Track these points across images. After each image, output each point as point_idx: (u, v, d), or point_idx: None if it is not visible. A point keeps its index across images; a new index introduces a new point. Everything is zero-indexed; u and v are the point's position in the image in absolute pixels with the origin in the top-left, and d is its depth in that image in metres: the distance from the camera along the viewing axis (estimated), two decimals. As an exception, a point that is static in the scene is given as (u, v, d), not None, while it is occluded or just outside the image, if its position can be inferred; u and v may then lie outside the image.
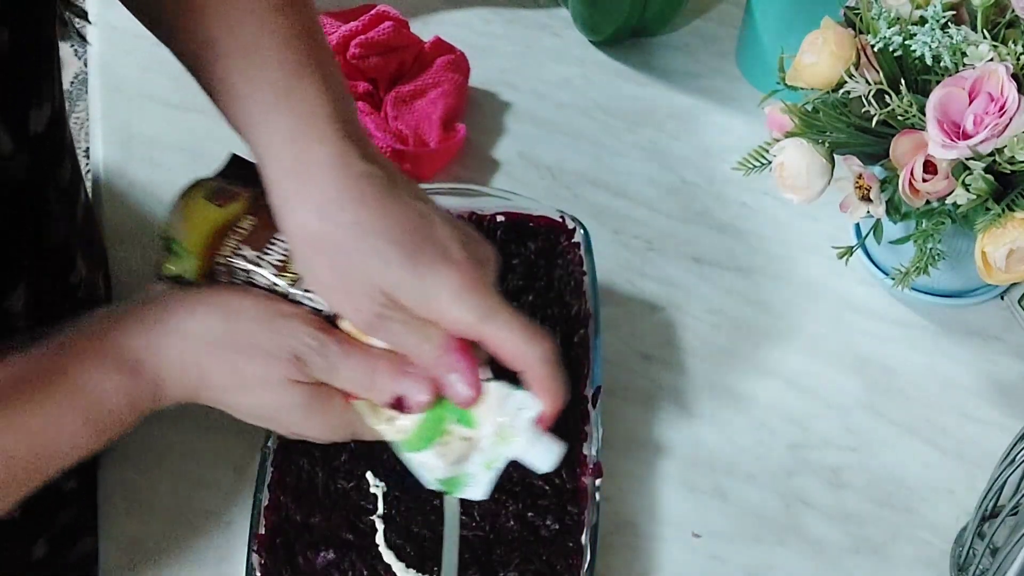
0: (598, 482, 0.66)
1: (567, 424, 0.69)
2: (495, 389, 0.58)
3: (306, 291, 0.59)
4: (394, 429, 0.59)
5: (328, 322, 0.59)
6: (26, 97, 0.59)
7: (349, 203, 0.55)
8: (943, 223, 0.71)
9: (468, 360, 0.57)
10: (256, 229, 0.60)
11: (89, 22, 0.69)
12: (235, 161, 0.65)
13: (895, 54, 0.71)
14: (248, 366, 0.56)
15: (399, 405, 0.58)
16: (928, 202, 0.71)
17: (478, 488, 0.61)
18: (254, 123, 0.56)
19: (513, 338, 0.56)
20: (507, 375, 0.59)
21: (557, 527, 0.66)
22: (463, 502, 0.66)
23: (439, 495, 0.67)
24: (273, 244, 0.60)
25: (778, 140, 0.76)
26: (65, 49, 0.71)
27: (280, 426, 0.60)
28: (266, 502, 0.66)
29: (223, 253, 0.60)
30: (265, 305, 0.58)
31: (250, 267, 0.59)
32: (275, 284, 0.59)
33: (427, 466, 0.60)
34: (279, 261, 0.59)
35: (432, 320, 0.56)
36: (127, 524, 0.71)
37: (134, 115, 0.92)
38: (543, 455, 0.59)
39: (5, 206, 0.59)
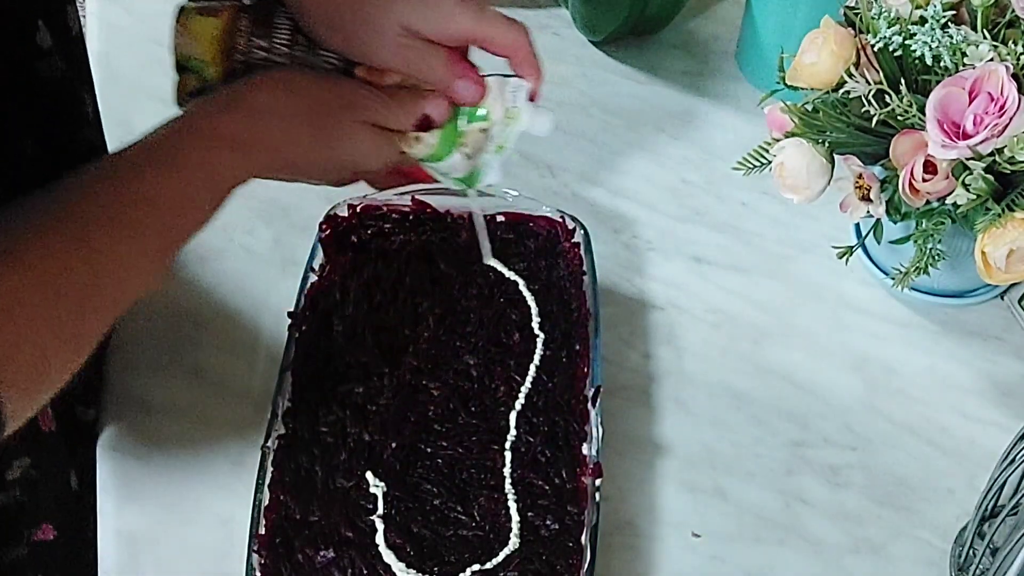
0: (598, 482, 0.66)
1: (567, 424, 0.70)
2: (493, 81, 0.69)
3: (320, 53, 0.67)
4: (424, 145, 0.69)
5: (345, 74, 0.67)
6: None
7: None
8: (943, 223, 0.71)
9: (469, 64, 0.68)
10: (255, 22, 0.67)
11: None
12: None
13: (895, 54, 0.71)
14: (324, 118, 0.65)
15: (425, 124, 0.68)
16: (928, 202, 0.71)
17: (493, 173, 0.72)
18: None
19: (503, 29, 0.67)
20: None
21: (557, 527, 0.66)
22: (463, 502, 0.66)
23: (439, 495, 0.67)
24: (277, 27, 0.67)
25: (778, 140, 0.76)
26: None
27: (345, 167, 0.68)
28: (266, 501, 0.66)
29: (238, 50, 0.66)
30: (309, 72, 0.66)
31: (266, 54, 0.66)
32: (294, 56, 0.66)
33: (452, 168, 0.70)
34: (288, 38, 0.67)
35: (437, 37, 0.65)
36: (127, 523, 0.71)
37: (134, 112, 0.92)
38: (543, 121, 0.70)
39: (46, 101, 0.64)
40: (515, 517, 0.66)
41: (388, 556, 0.64)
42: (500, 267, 0.77)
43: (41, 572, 0.74)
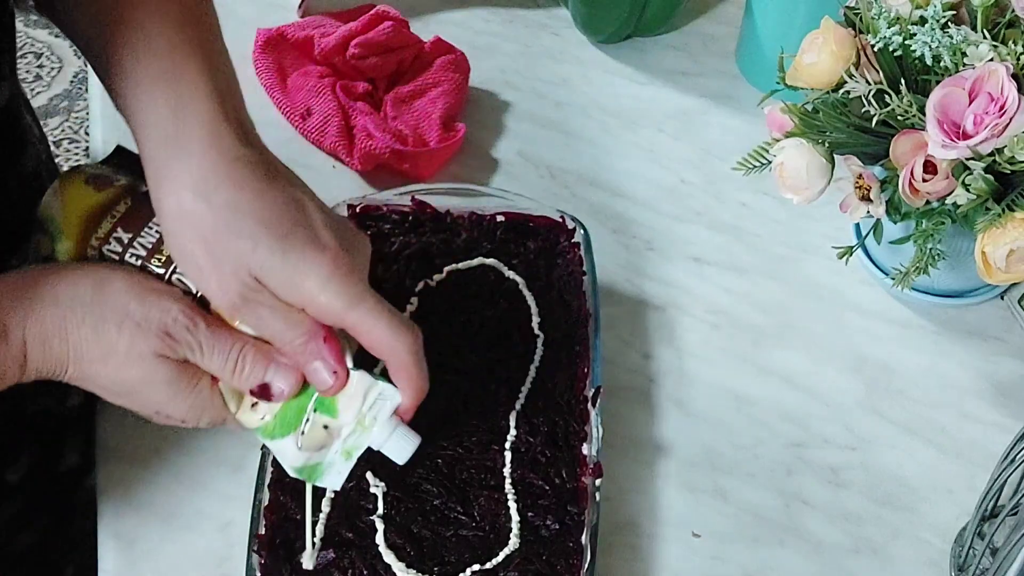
0: (598, 482, 0.66)
1: (567, 424, 0.70)
2: (358, 379, 0.59)
3: (176, 274, 0.59)
4: (256, 416, 0.60)
5: (199, 305, 0.59)
6: None
7: (224, 183, 0.55)
8: (943, 223, 0.71)
9: (334, 348, 0.58)
10: (131, 212, 0.60)
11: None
12: (119, 151, 0.66)
13: (895, 54, 0.71)
14: (117, 336, 0.56)
15: (263, 392, 0.58)
16: (928, 202, 0.71)
17: (335, 477, 0.61)
18: (136, 99, 0.57)
19: (380, 327, 0.56)
20: (370, 365, 0.60)
21: (557, 527, 0.66)
22: (463, 502, 0.66)
23: (439, 495, 0.67)
24: (148, 229, 0.60)
25: (778, 140, 0.76)
26: (65, 48, 0.72)
27: (145, 403, 0.58)
28: (266, 502, 0.66)
29: (98, 236, 0.60)
30: (137, 278, 0.58)
31: (121, 249, 0.60)
32: (147, 265, 0.60)
33: (285, 454, 0.60)
34: (151, 244, 0.60)
35: (299, 306, 0.56)
36: (127, 524, 0.71)
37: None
38: (399, 447, 0.60)
39: None
40: (515, 517, 0.66)
41: (388, 556, 0.64)
42: (500, 267, 0.77)
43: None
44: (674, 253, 0.86)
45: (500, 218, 0.79)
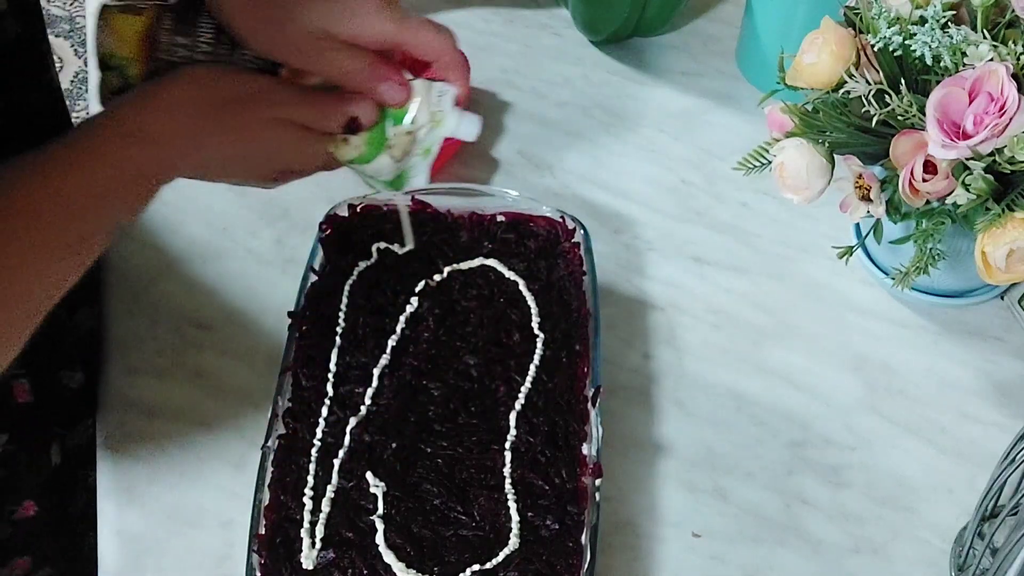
0: (598, 482, 0.66)
1: (567, 424, 0.70)
2: (419, 85, 0.68)
3: (244, 54, 0.65)
4: (350, 148, 0.67)
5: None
6: None
7: None
8: (943, 223, 0.71)
9: (394, 67, 0.66)
10: (178, 20, 0.66)
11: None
12: None
13: (895, 54, 0.71)
14: (241, 113, 0.63)
15: (352, 124, 0.66)
16: (928, 202, 0.71)
17: (420, 176, 0.69)
18: None
19: (426, 34, 0.66)
20: None
21: (557, 527, 0.66)
22: (463, 502, 0.66)
23: (439, 495, 0.67)
24: (200, 28, 0.66)
25: (778, 140, 0.76)
26: (66, 48, 0.72)
27: (267, 166, 0.66)
28: (266, 502, 0.66)
29: (161, 48, 0.65)
30: (227, 68, 0.65)
31: (188, 53, 0.65)
32: (217, 55, 0.65)
33: (381, 170, 0.69)
34: (210, 37, 0.66)
35: (357, 40, 0.64)
36: (127, 523, 0.71)
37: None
38: (469, 125, 0.69)
39: (4, 63, 0.63)
40: (515, 517, 0.66)
41: (388, 556, 0.64)
42: (500, 267, 0.77)
43: (27, 551, 0.74)
44: (674, 253, 0.86)
45: (500, 218, 0.79)
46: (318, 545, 0.65)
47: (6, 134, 0.63)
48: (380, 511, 0.66)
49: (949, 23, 0.71)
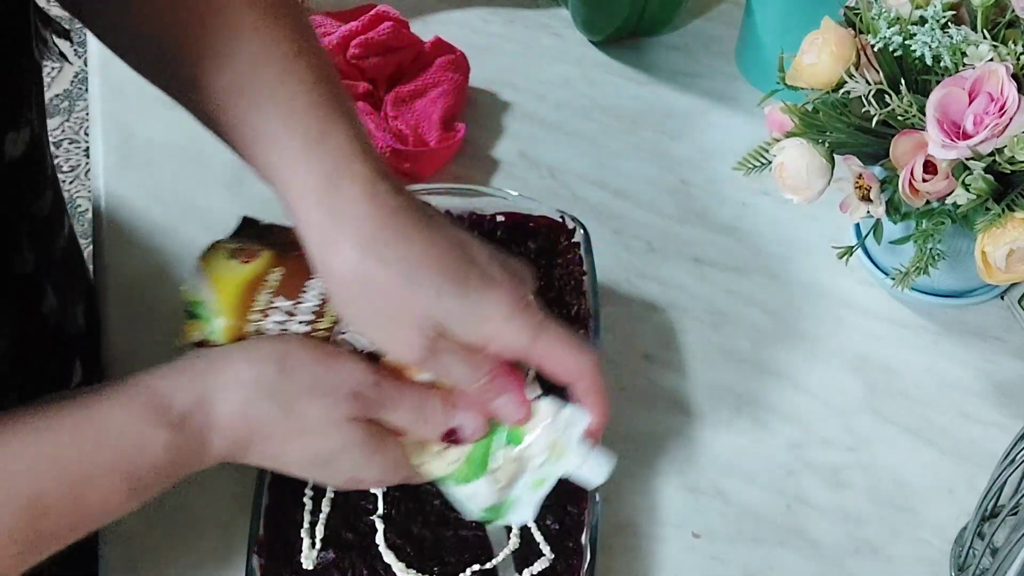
0: (598, 482, 0.66)
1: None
2: (544, 406, 0.58)
3: (341, 334, 0.59)
4: (445, 463, 0.59)
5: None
6: (1, 121, 0.58)
7: (392, 239, 0.54)
8: (943, 223, 0.71)
9: (517, 381, 0.58)
10: (286, 279, 0.59)
11: (70, 40, 0.68)
12: (249, 222, 0.64)
13: (895, 54, 0.71)
14: (309, 407, 0.55)
15: (453, 436, 0.58)
16: (928, 202, 0.71)
17: (525, 510, 0.60)
18: (285, 167, 0.55)
19: (563, 352, 0.57)
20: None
21: (557, 527, 0.66)
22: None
23: (439, 495, 0.66)
24: (305, 293, 0.59)
25: (778, 140, 0.76)
26: (66, 48, 0.71)
27: (338, 472, 0.58)
28: (266, 502, 0.66)
29: (256, 308, 0.59)
30: (317, 346, 0.57)
31: (285, 318, 0.58)
32: (315, 329, 0.59)
33: (477, 496, 0.60)
34: (315, 308, 0.59)
35: (481, 345, 0.56)
36: (127, 525, 0.71)
37: (134, 115, 0.92)
38: (595, 469, 0.59)
39: (11, 176, 0.59)
40: (515, 517, 0.66)
41: (388, 556, 0.64)
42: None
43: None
44: (674, 253, 0.86)
45: (500, 218, 0.79)
46: (318, 546, 0.65)
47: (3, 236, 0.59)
48: (380, 511, 0.66)
49: (949, 23, 0.71)
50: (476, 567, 0.64)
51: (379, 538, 0.65)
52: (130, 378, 0.55)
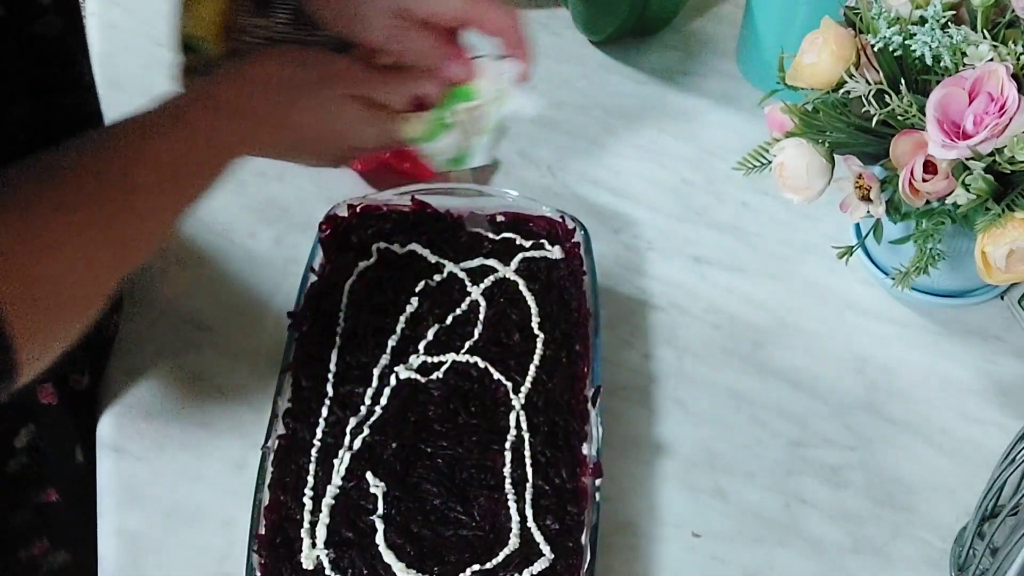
0: (598, 482, 0.66)
1: (567, 424, 0.70)
2: (483, 63, 0.71)
3: (319, 34, 0.69)
4: (416, 125, 0.70)
5: None
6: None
7: None
8: (943, 223, 0.71)
9: (460, 47, 0.71)
10: (256, 2, 0.70)
11: None
12: None
13: (895, 54, 0.71)
14: (323, 90, 0.67)
15: (419, 102, 0.70)
16: (928, 202, 0.71)
17: (480, 154, 0.73)
18: None
19: (493, 11, 0.70)
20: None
21: (557, 527, 0.66)
22: (463, 502, 0.66)
23: (439, 495, 0.67)
24: (276, 8, 0.70)
25: (778, 140, 0.76)
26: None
27: (341, 142, 0.69)
28: (266, 501, 0.66)
29: (239, 28, 0.69)
30: (309, 50, 0.69)
31: (266, 32, 0.70)
32: (294, 36, 0.70)
33: (443, 149, 0.72)
34: (287, 18, 0.70)
35: (430, 19, 0.69)
36: (127, 523, 0.71)
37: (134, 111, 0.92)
38: (531, 101, 0.72)
39: (43, 60, 0.66)
40: (515, 517, 0.66)
41: (388, 556, 0.64)
42: (500, 267, 0.77)
43: (46, 534, 0.74)
44: (674, 253, 0.86)
45: (500, 218, 0.79)
46: (318, 545, 0.65)
47: (41, 133, 0.64)
48: (380, 511, 0.66)
49: (949, 23, 0.71)
50: (476, 567, 0.64)
51: (379, 538, 0.65)
52: (184, 96, 0.64)
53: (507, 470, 0.68)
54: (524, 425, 0.69)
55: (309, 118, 0.67)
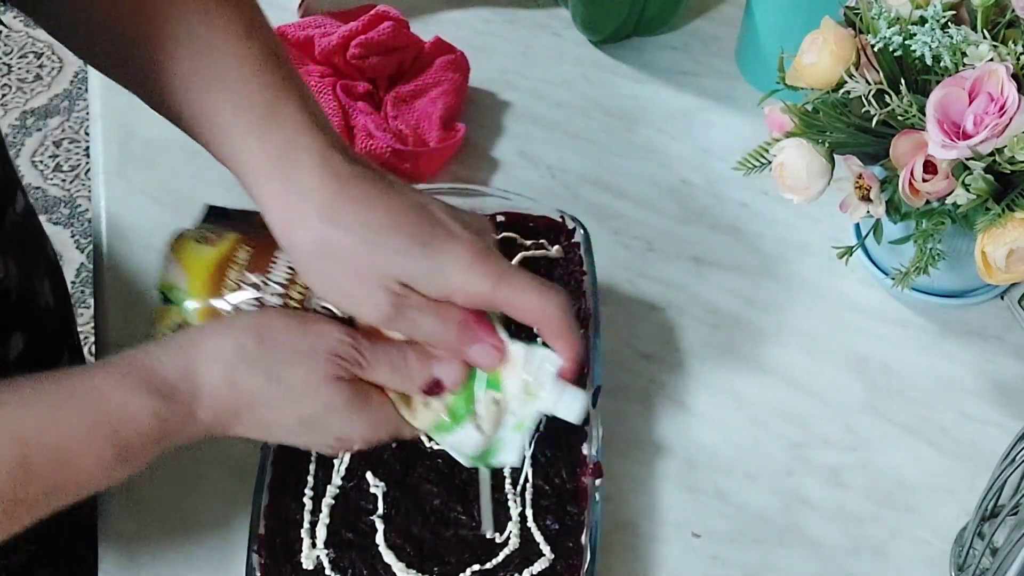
0: (598, 482, 0.66)
1: (567, 424, 0.69)
2: (516, 349, 0.60)
3: (314, 303, 0.60)
4: (429, 415, 0.60)
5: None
6: None
7: (351, 204, 0.55)
8: (943, 223, 0.71)
9: (487, 327, 0.59)
10: (254, 256, 0.61)
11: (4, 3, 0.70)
12: (212, 210, 0.65)
13: (895, 54, 0.71)
14: (290, 371, 0.56)
15: (434, 388, 0.59)
16: (928, 202, 0.71)
17: (511, 452, 0.62)
18: (240, 147, 0.57)
19: (528, 295, 0.57)
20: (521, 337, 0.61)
21: (557, 527, 0.66)
22: (463, 502, 0.66)
23: (439, 495, 0.67)
24: (274, 264, 0.60)
25: (778, 140, 0.76)
26: (66, 48, 0.71)
27: (326, 433, 0.59)
28: (266, 502, 0.66)
29: (227, 286, 0.60)
30: (292, 314, 0.59)
31: (258, 293, 0.60)
32: (288, 300, 0.60)
33: (465, 443, 0.61)
34: (285, 279, 0.60)
35: (446, 299, 0.57)
36: (127, 523, 0.71)
37: (134, 114, 0.92)
38: (570, 405, 0.61)
39: None
40: (515, 517, 0.66)
41: (388, 556, 0.64)
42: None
43: (29, 547, 0.74)
44: (674, 253, 0.86)
45: (500, 218, 0.79)
46: (318, 545, 0.65)
47: None
48: (380, 511, 0.66)
49: (949, 23, 0.71)
50: (476, 567, 0.64)
51: (379, 538, 0.65)
52: (117, 355, 0.56)
53: (507, 470, 0.68)
54: (524, 425, 0.69)
55: (280, 403, 0.56)
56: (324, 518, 0.66)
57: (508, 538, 0.65)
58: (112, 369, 0.55)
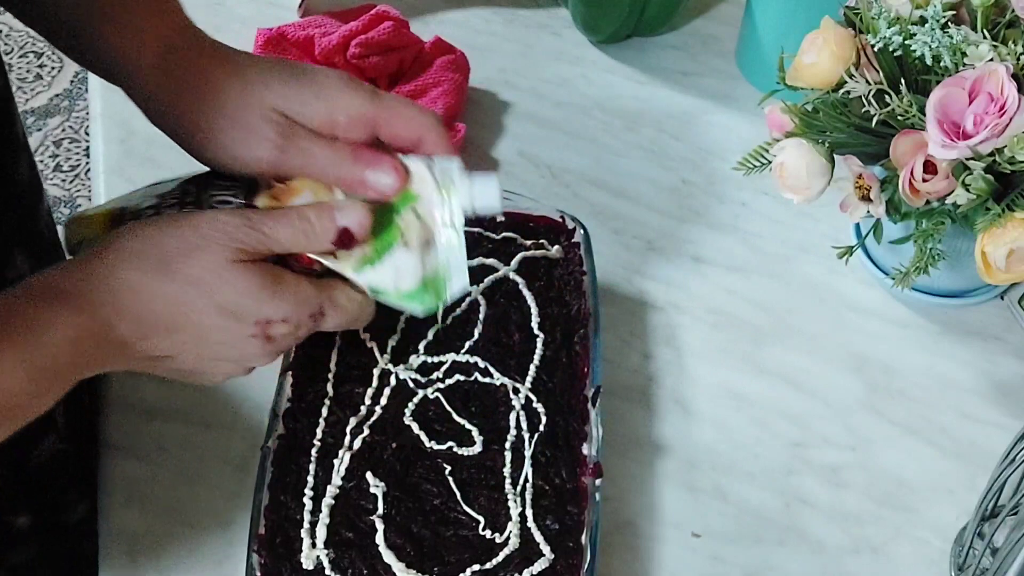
0: (598, 482, 0.66)
1: (567, 424, 0.70)
2: (413, 163, 0.59)
3: (213, 194, 0.60)
4: (355, 258, 0.59)
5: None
6: None
7: (224, 61, 0.59)
8: (943, 223, 0.71)
9: (378, 150, 0.58)
10: (146, 206, 0.61)
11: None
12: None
13: (895, 54, 0.71)
14: (188, 264, 0.54)
15: (345, 238, 0.57)
16: (928, 202, 0.71)
17: (457, 274, 0.60)
18: (126, 51, 0.61)
19: (407, 108, 0.59)
20: None
21: (557, 527, 0.66)
22: (464, 502, 0.66)
23: (439, 495, 0.67)
24: (166, 188, 0.62)
25: (778, 140, 0.76)
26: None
27: (246, 324, 0.56)
28: (266, 501, 0.66)
29: (128, 219, 0.61)
30: (184, 215, 0.57)
31: (156, 213, 0.60)
32: (186, 206, 0.60)
33: (402, 273, 0.59)
34: (177, 194, 0.61)
35: (329, 128, 0.58)
36: (127, 523, 0.71)
37: (134, 113, 0.92)
38: (484, 189, 0.60)
39: None
40: (515, 517, 0.66)
41: (388, 556, 0.64)
42: (500, 267, 0.77)
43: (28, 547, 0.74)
44: (674, 253, 0.86)
45: (500, 218, 0.79)
46: (318, 545, 0.65)
47: None
48: (380, 511, 0.66)
49: (949, 23, 0.71)
50: (476, 567, 0.64)
51: (379, 538, 0.65)
52: (29, 277, 0.54)
53: (507, 470, 0.68)
54: (524, 425, 0.69)
55: (180, 297, 0.54)
56: (324, 518, 0.66)
57: (508, 538, 0.65)
58: (22, 289, 0.53)
